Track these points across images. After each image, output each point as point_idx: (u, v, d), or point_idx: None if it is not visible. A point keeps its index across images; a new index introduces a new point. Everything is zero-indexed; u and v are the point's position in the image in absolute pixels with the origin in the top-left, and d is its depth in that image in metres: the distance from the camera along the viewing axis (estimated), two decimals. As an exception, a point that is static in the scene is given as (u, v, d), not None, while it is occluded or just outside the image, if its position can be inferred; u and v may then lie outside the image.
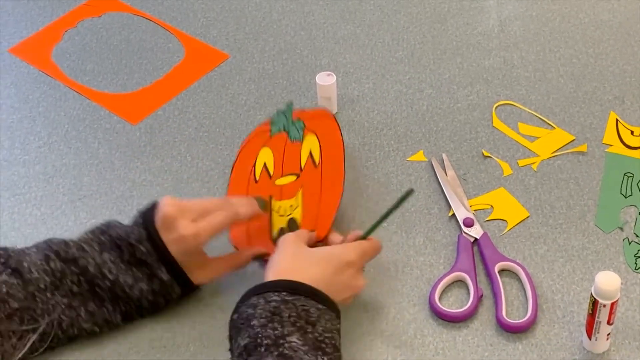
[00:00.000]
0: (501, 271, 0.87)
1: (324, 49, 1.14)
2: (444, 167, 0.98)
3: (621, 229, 0.91)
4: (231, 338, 0.75)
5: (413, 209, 0.94)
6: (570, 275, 0.87)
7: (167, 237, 0.81)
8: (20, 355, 0.76)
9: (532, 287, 0.84)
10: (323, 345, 0.72)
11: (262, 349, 0.70)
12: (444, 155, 0.99)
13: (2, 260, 0.79)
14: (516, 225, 0.92)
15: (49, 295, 0.79)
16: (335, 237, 0.85)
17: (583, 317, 0.82)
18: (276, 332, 0.71)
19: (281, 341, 0.70)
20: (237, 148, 1.02)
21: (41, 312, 0.78)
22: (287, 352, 0.70)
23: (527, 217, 0.93)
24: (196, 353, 0.82)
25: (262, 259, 0.86)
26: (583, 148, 0.99)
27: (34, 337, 0.77)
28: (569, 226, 0.92)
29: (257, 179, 0.92)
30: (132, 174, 1.00)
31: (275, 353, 0.70)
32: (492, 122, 1.03)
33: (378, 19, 1.17)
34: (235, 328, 0.74)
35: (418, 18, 1.17)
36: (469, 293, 0.85)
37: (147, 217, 0.82)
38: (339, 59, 1.13)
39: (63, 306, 0.79)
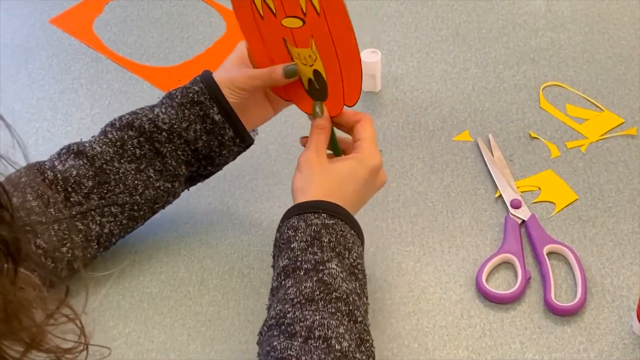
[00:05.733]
0: (549, 254, 0.85)
1: (367, 26, 1.13)
2: (490, 147, 0.96)
3: (672, 214, 0.90)
4: (274, 256, 0.76)
5: (459, 189, 0.93)
6: (620, 259, 0.86)
7: (236, 72, 0.82)
8: (106, 231, 0.80)
9: (581, 270, 0.83)
10: (356, 271, 0.73)
11: (302, 273, 0.71)
12: (490, 136, 0.98)
13: (64, 150, 0.81)
14: (564, 207, 0.91)
15: (116, 165, 0.80)
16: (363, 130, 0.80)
17: (633, 302, 0.81)
18: (316, 257, 0.71)
19: (321, 267, 0.71)
20: (279, 124, 1.01)
21: (115, 183, 0.80)
22: (326, 278, 0.70)
23: (576, 199, 0.91)
24: (241, 327, 0.82)
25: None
26: (633, 131, 0.98)
27: (115, 210, 0.80)
28: (619, 210, 0.90)
29: (262, 14, 0.81)
30: (174, 148, 0.99)
31: (315, 278, 0.70)
32: (539, 103, 1.02)
33: (422, -4, 1.16)
34: (277, 247, 0.75)
35: (463, -4, 1.16)
36: (516, 275, 0.84)
37: (203, 74, 0.83)
38: (382, 36, 1.11)
39: (133, 172, 0.81)
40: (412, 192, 0.93)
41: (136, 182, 0.81)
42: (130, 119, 0.82)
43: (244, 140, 0.84)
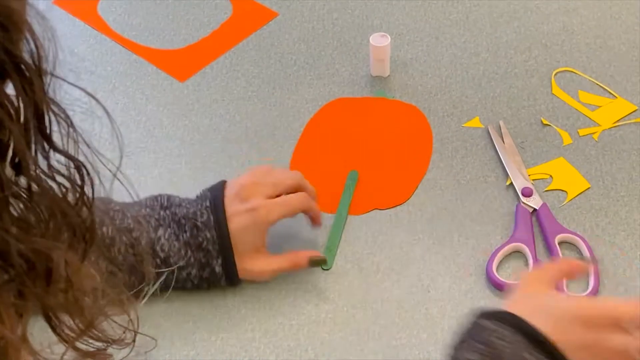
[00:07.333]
0: (561, 243, 0.84)
1: (376, 9, 1.11)
2: (501, 134, 0.95)
3: (685, 203, 0.88)
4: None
5: (469, 177, 0.91)
6: (633, 249, 0.84)
7: (236, 208, 0.79)
8: None
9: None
10: None
11: None
12: (501, 122, 0.96)
13: None
14: (576, 196, 0.89)
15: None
16: None
17: (646, 293, 0.80)
18: None
19: None
20: (286, 109, 0.99)
21: None
22: None
23: (588, 188, 0.90)
24: (247, 315, 0.80)
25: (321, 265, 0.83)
26: (646, 119, 0.96)
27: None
28: (631, 199, 0.89)
29: None
30: (180, 133, 0.98)
31: None
32: (551, 89, 1.00)
33: (432, -21, 1.14)
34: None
35: (474, -21, 1.13)
36: (527, 264, 0.83)
37: (217, 198, 0.79)
38: (391, 19, 1.09)
39: (105, 272, 0.78)
40: (422, 178, 0.92)
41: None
42: (132, 226, 0.77)
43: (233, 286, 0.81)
